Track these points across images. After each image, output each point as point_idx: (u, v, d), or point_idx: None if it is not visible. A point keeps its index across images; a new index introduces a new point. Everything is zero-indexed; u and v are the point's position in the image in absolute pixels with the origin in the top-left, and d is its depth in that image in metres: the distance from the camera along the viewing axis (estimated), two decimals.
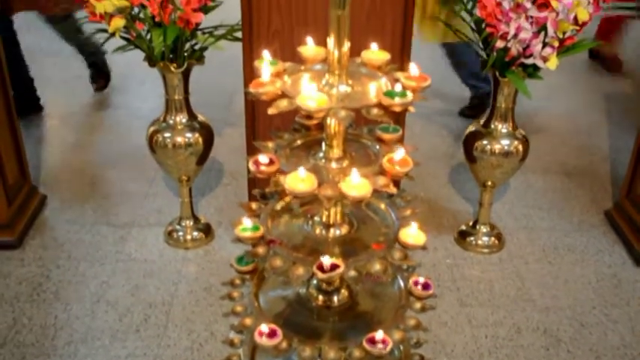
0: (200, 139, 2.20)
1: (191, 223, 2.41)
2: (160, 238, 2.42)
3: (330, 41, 1.10)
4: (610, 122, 3.45)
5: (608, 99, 3.72)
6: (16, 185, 2.46)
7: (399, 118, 1.89)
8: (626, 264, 2.36)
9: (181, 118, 2.17)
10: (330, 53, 1.11)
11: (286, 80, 1.14)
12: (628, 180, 2.54)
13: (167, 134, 2.17)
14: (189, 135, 2.18)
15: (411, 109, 1.06)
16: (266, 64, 1.14)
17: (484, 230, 2.42)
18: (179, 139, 2.17)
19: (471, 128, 2.28)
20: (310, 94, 1.02)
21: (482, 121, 2.24)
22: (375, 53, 1.18)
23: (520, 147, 2.22)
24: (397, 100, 1.04)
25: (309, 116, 1.02)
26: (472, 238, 2.42)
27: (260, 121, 2.15)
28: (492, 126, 2.21)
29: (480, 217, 2.43)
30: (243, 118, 2.18)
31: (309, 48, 1.21)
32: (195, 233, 2.40)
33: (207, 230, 2.43)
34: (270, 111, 1.06)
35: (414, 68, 1.10)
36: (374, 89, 1.12)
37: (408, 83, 1.09)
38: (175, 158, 2.21)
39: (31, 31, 3.61)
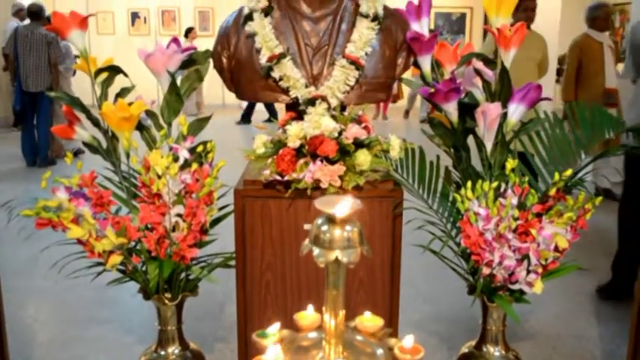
0: None
1: None
2: None
3: (326, 315, 1.14)
4: (599, 324, 3.46)
5: (595, 300, 3.77)
6: None
7: None
8: None
9: (174, 349, 2.16)
10: (325, 325, 1.15)
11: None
12: None
13: None
14: None
15: None
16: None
17: None
18: None
19: (464, 350, 2.28)
20: None
21: (474, 344, 2.26)
22: (370, 319, 1.23)
23: None
24: None
25: None
26: None
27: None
28: (485, 349, 2.22)
29: None
30: (234, 331, 2.16)
31: (305, 316, 1.25)
32: None
33: None
34: None
35: (408, 340, 1.14)
36: None
37: (402, 356, 1.12)
38: None
39: (30, 240, 3.68)
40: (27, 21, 8.71)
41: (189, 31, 12.32)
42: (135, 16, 13.98)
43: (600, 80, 5.59)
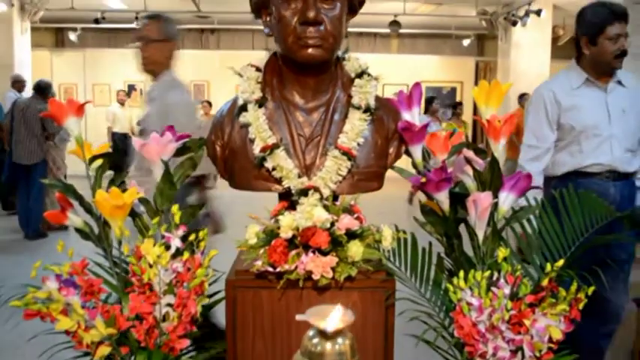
0: None
1: None
2: None
3: None
4: None
5: None
6: None
7: None
8: None
9: None
10: None
11: None
12: None
13: None
14: None
15: None
16: None
17: None
18: None
19: None
20: None
21: None
22: None
23: None
24: None
25: None
26: None
27: None
28: None
29: None
30: None
31: None
32: None
33: None
34: None
35: None
36: None
37: None
38: None
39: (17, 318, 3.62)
40: (26, 92, 8.87)
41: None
42: (131, 88, 14.21)
43: None
